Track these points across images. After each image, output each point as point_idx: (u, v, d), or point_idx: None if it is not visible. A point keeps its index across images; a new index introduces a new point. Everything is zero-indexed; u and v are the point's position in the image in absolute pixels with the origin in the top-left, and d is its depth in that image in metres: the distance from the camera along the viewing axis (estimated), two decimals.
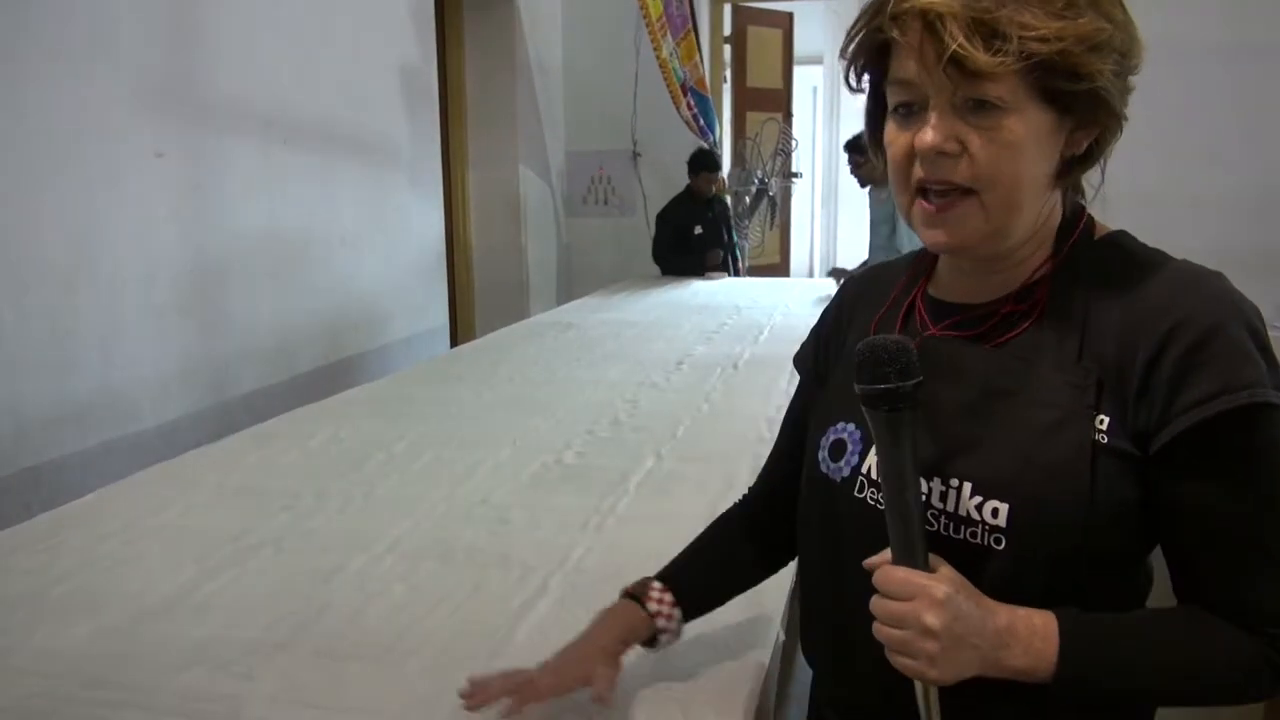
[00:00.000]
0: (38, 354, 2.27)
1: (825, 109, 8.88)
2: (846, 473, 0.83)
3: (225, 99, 2.92)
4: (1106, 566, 0.75)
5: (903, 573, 0.71)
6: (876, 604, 0.72)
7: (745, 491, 1.08)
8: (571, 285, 5.97)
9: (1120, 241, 0.80)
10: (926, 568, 0.72)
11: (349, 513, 1.58)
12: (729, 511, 1.06)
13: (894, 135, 0.76)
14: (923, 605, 0.70)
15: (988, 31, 0.67)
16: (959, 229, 0.74)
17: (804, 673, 1.09)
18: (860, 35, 0.75)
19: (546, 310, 4.57)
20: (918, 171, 0.74)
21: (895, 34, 0.71)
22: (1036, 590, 0.73)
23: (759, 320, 3.62)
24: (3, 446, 2.17)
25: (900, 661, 0.72)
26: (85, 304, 2.41)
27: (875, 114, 0.80)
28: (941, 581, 0.70)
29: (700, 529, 1.46)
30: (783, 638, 1.16)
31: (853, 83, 0.79)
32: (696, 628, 1.13)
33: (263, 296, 3.13)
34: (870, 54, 0.76)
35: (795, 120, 6.81)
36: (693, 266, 5.11)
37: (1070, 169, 0.76)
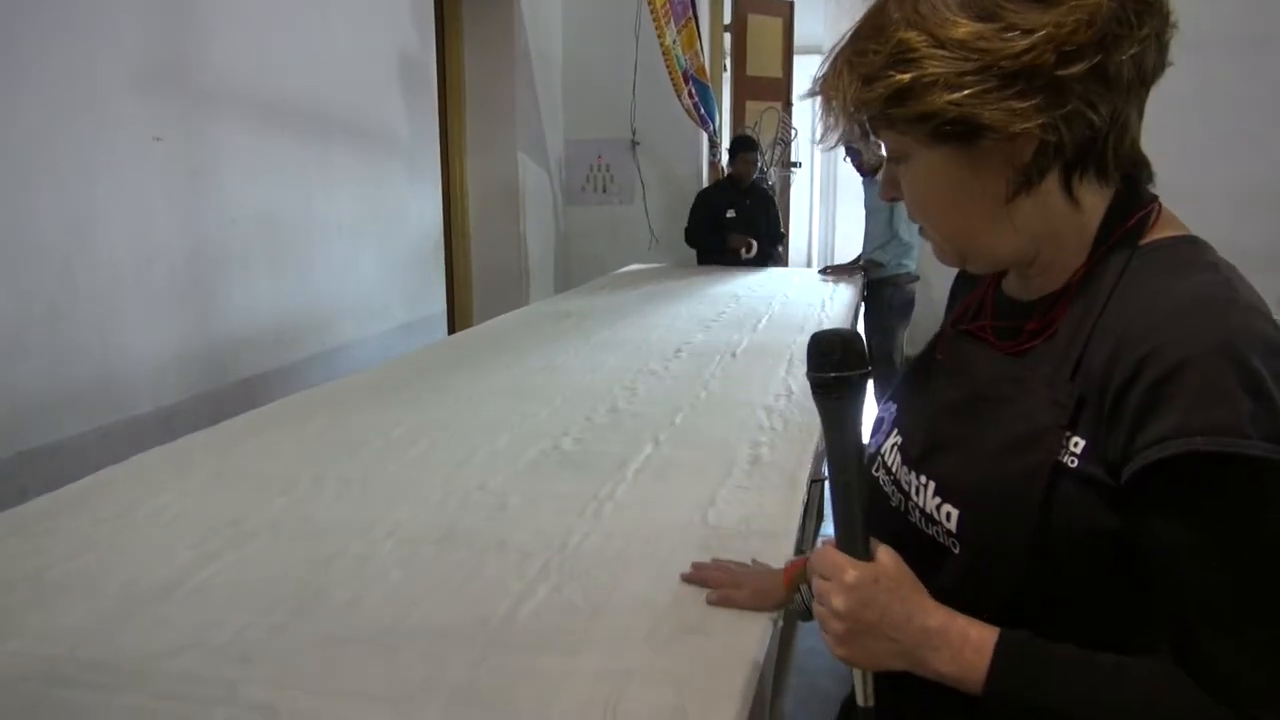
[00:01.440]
0: (34, 339, 2.26)
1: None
2: (872, 450, 0.87)
3: (224, 84, 2.90)
4: (1082, 598, 0.71)
5: (830, 553, 0.75)
6: (813, 581, 0.76)
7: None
8: (570, 273, 5.97)
9: (1165, 247, 0.73)
10: (865, 553, 0.74)
11: (346, 498, 1.57)
12: None
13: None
14: (833, 587, 0.73)
15: (826, 110, 0.75)
16: (936, 251, 0.79)
17: (804, 661, 1.09)
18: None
19: (545, 298, 4.56)
20: None
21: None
22: (995, 603, 0.72)
23: (757, 309, 3.61)
24: None
25: (822, 637, 0.76)
26: (82, 289, 2.40)
27: None
28: (856, 567, 0.72)
29: (697, 516, 1.46)
30: (780, 623, 1.15)
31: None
32: (694, 613, 1.14)
33: (260, 282, 3.13)
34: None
35: (795, 110, 6.79)
36: (719, 247, 5.09)
37: (1028, 180, 0.71)
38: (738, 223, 5.06)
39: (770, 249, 5.20)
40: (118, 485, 1.63)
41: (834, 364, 0.74)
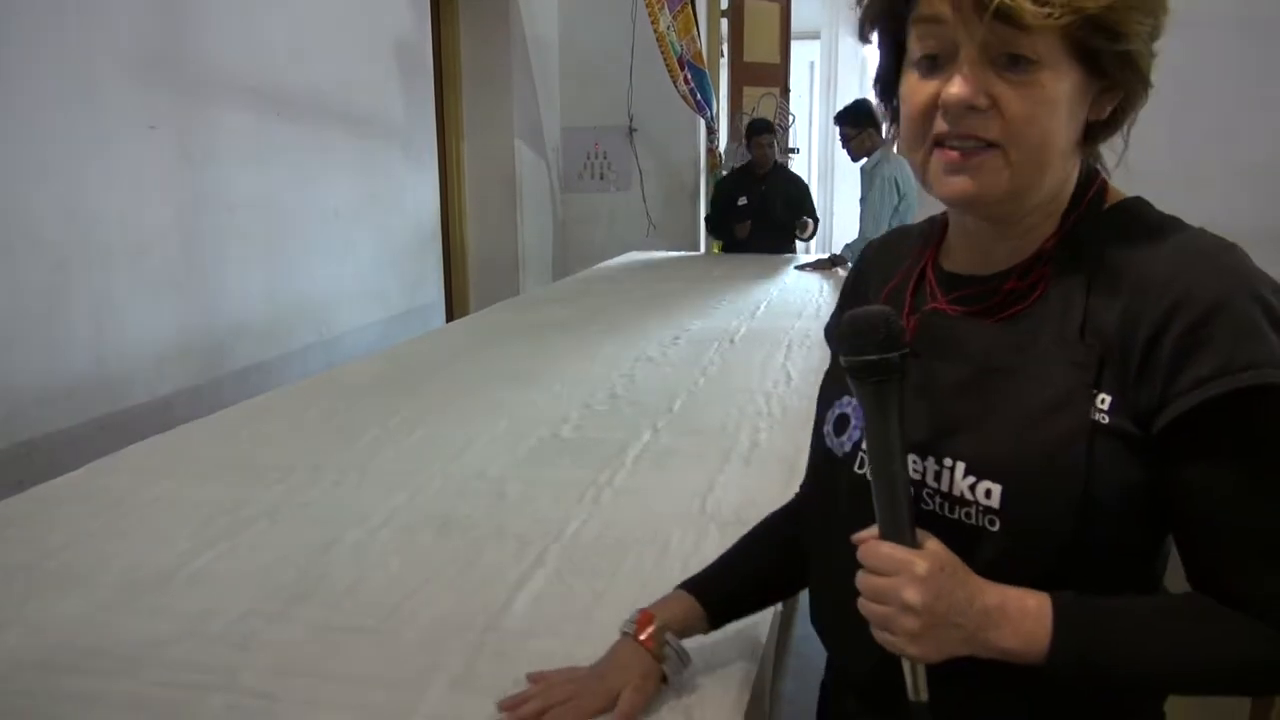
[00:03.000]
0: (30, 330, 2.26)
1: (822, 85, 8.83)
2: (848, 448, 0.82)
3: (218, 72, 2.89)
4: (1114, 553, 0.72)
5: (887, 548, 0.70)
6: (861, 579, 0.72)
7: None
8: (567, 260, 5.95)
9: (1131, 208, 0.76)
10: (914, 543, 0.71)
11: (344, 486, 1.57)
12: (776, 512, 1.03)
13: (916, 86, 0.72)
14: (903, 581, 0.69)
15: None
16: (984, 179, 0.71)
17: (803, 645, 1.09)
18: None
19: (542, 285, 4.55)
20: (939, 125, 0.71)
21: None
22: (1034, 573, 0.71)
23: (755, 295, 3.61)
24: None
25: (882, 637, 0.71)
26: (77, 279, 2.39)
27: (890, 65, 0.77)
28: (924, 558, 0.69)
29: (696, 502, 1.46)
30: (780, 609, 1.15)
31: (867, 30, 0.76)
32: None
33: (257, 271, 3.12)
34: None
35: (792, 96, 6.76)
36: (729, 235, 5.06)
37: (1092, 134, 0.74)
38: (748, 209, 4.99)
39: (792, 233, 4.97)
40: (115, 475, 1.63)
41: (876, 345, 0.70)
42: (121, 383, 2.53)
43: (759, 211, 4.94)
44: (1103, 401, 0.69)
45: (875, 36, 0.77)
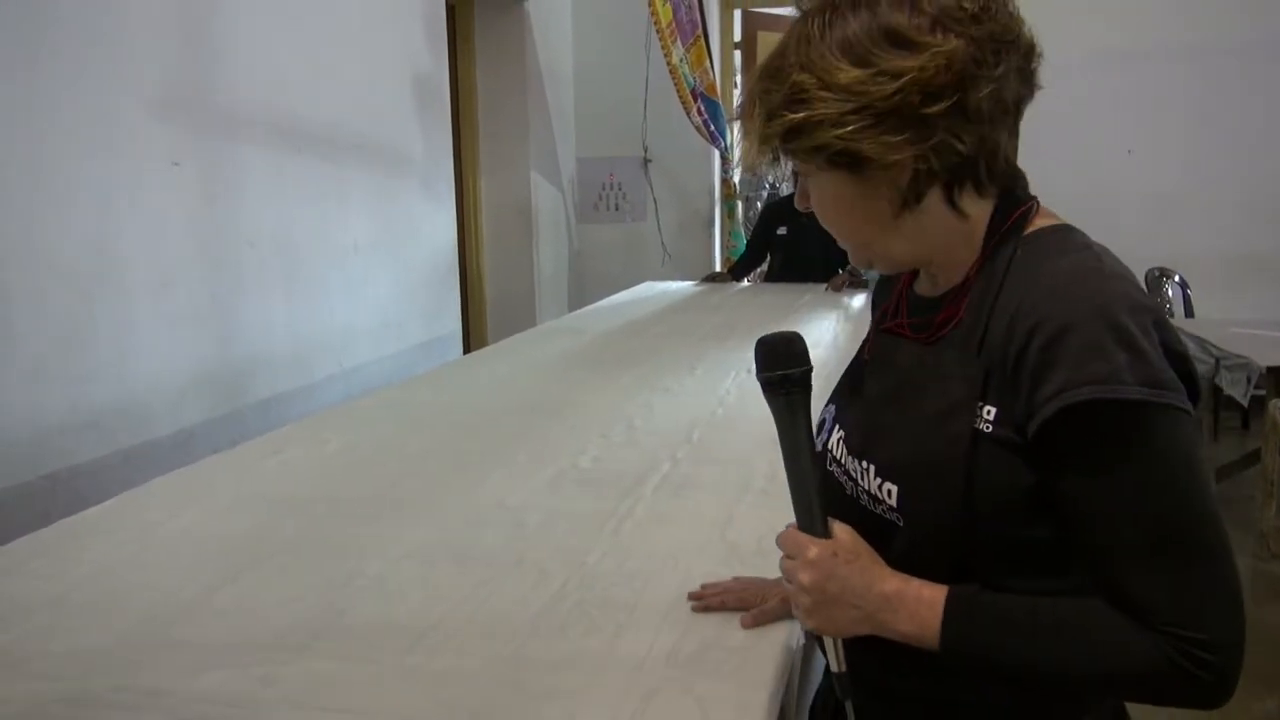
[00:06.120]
0: (55, 362, 2.29)
1: None
2: (819, 447, 0.93)
3: (240, 109, 2.94)
4: (1018, 549, 0.78)
5: (793, 534, 0.84)
6: (780, 562, 0.85)
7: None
8: (583, 292, 5.97)
9: (1042, 236, 0.82)
10: (824, 533, 0.82)
11: (365, 518, 1.58)
12: None
13: None
14: (799, 564, 0.81)
15: (743, 136, 0.83)
16: (856, 257, 0.87)
17: (820, 675, 1.09)
18: None
19: (558, 316, 4.57)
20: None
21: None
22: (941, 565, 0.79)
23: (773, 324, 3.60)
24: (21, 453, 2.19)
25: (794, 611, 0.84)
26: (102, 312, 2.42)
27: None
28: (817, 544, 0.81)
29: (716, 532, 1.46)
30: (801, 641, 1.15)
31: None
32: (716, 631, 1.13)
33: (277, 304, 3.15)
34: None
35: None
36: (760, 265, 5.10)
37: (913, 197, 0.80)
38: (787, 239, 4.98)
39: (827, 271, 4.72)
40: (140, 508, 1.64)
41: (780, 363, 0.83)
42: (145, 414, 2.56)
43: (794, 244, 4.92)
44: (988, 412, 0.77)
45: None
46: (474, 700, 1.00)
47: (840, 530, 0.83)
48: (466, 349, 4.67)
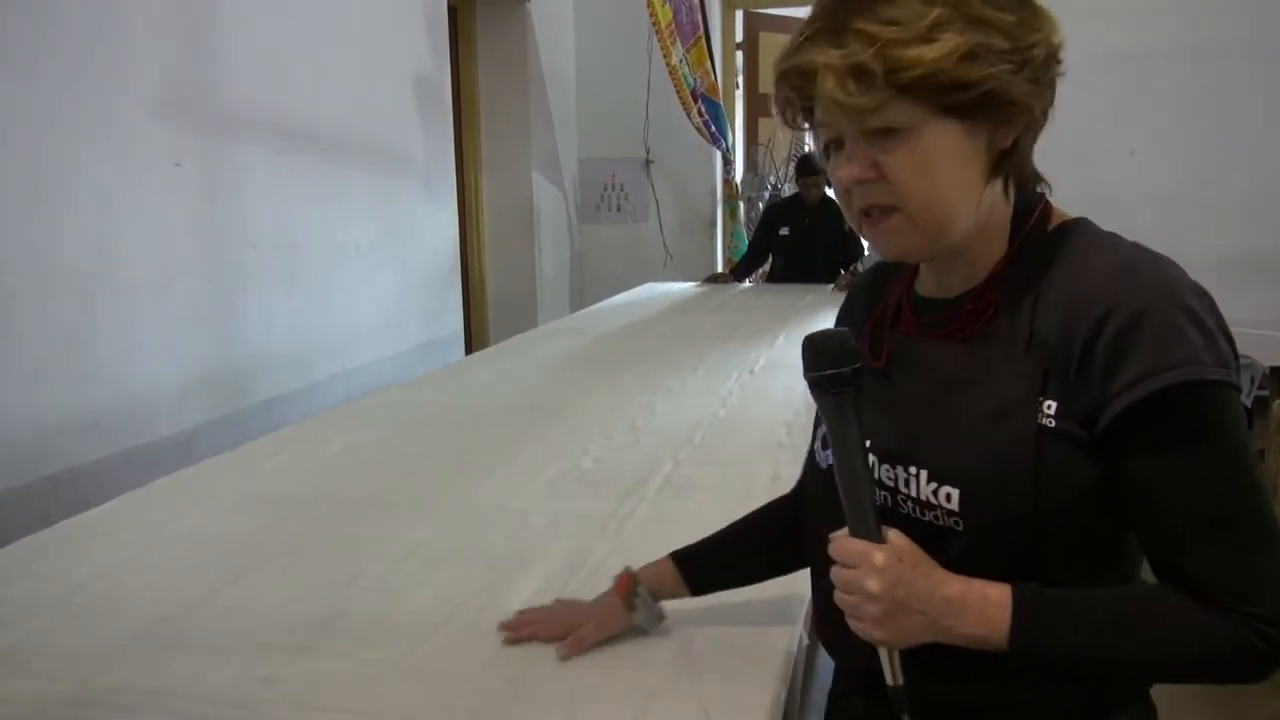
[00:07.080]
0: (56, 362, 2.28)
1: None
2: (832, 459, 0.89)
3: (242, 111, 2.94)
4: (1077, 546, 0.78)
5: (850, 542, 0.77)
6: (833, 572, 0.78)
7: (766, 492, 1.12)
8: (585, 292, 5.98)
9: (1071, 229, 0.82)
10: (879, 538, 0.77)
11: (367, 518, 1.58)
12: (772, 503, 1.13)
13: (833, 169, 0.82)
14: (865, 572, 0.76)
15: (856, 73, 0.73)
16: (895, 240, 0.80)
17: (824, 675, 1.09)
18: (775, 92, 0.82)
19: (559, 317, 4.57)
20: (854, 197, 0.80)
21: (790, 92, 0.79)
22: (1001, 566, 0.77)
23: (775, 325, 3.61)
24: (22, 454, 2.18)
25: (854, 625, 0.78)
26: (103, 313, 2.42)
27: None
28: (883, 550, 0.76)
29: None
30: (805, 640, 1.15)
31: (790, 124, 0.84)
32: (719, 632, 1.13)
33: (279, 305, 3.15)
34: (794, 104, 0.81)
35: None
36: (771, 264, 5.09)
37: (1001, 164, 0.79)
38: (789, 240, 4.95)
39: (832, 271, 4.78)
40: (142, 509, 1.64)
41: (829, 361, 0.78)
42: (146, 415, 2.55)
43: (797, 244, 4.89)
44: (1049, 408, 0.76)
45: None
46: (475, 701, 1.00)
47: (894, 535, 0.78)
48: (468, 349, 4.67)
